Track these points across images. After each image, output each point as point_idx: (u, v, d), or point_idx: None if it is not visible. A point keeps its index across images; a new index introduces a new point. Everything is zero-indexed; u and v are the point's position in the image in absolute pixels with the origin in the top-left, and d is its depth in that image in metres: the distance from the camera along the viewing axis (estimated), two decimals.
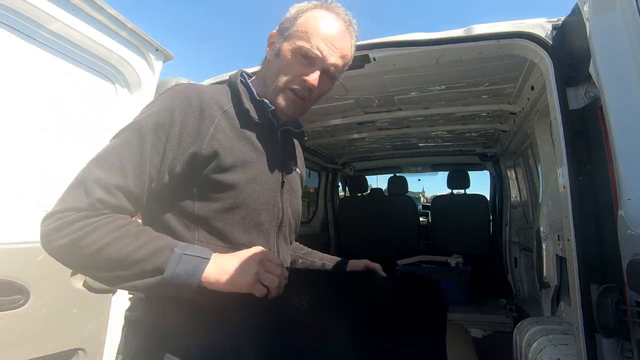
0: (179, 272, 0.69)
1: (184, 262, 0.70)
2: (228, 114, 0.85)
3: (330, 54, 0.88)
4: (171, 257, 0.70)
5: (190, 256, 0.71)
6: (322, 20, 0.88)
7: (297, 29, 0.88)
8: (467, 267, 3.32)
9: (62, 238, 0.69)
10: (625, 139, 0.89)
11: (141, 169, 0.75)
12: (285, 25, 0.91)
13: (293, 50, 0.87)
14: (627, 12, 0.93)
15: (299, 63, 0.88)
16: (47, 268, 1.19)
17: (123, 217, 0.74)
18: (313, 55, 0.87)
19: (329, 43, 0.88)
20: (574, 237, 1.03)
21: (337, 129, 2.87)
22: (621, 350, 0.94)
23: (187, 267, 0.70)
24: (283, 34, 0.91)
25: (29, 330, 1.14)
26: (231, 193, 0.81)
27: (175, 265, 0.70)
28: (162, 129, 0.77)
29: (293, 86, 0.88)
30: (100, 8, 1.33)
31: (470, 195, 3.94)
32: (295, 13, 0.91)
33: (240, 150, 0.84)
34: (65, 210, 0.71)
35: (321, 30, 0.87)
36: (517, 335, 1.73)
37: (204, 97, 0.82)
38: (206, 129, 0.80)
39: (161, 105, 0.80)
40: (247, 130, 0.87)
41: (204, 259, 0.72)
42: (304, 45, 0.86)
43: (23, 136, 1.20)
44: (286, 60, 0.88)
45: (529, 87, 1.84)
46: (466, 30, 1.32)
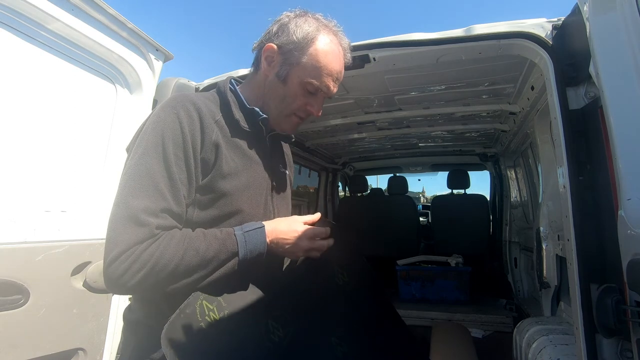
0: (250, 247, 0.81)
1: (249, 239, 0.82)
2: (219, 124, 0.88)
3: (335, 87, 0.96)
4: (237, 240, 0.80)
5: (250, 231, 0.83)
6: (331, 55, 0.93)
7: (308, 61, 0.91)
8: (467, 267, 3.33)
9: (138, 273, 0.71)
10: (625, 139, 0.89)
11: (175, 189, 0.79)
12: (290, 47, 0.92)
13: (303, 84, 0.92)
14: (627, 12, 0.93)
15: (304, 94, 0.94)
16: (47, 268, 1.19)
17: (176, 231, 0.79)
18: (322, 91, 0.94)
19: (336, 79, 0.95)
20: (574, 237, 1.03)
21: (337, 129, 2.87)
22: (621, 350, 0.94)
23: (254, 241, 0.82)
24: (288, 57, 0.92)
25: (29, 330, 1.14)
26: (227, 200, 0.85)
27: (245, 244, 0.81)
28: (179, 147, 0.80)
29: (299, 113, 0.96)
30: (100, 8, 1.33)
31: (470, 195, 3.94)
32: (302, 39, 0.92)
33: (233, 159, 0.87)
34: (128, 249, 0.72)
35: (331, 68, 0.93)
36: (517, 335, 1.73)
37: (200, 108, 0.85)
38: (208, 138, 0.83)
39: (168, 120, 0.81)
40: (238, 139, 0.91)
41: (259, 228, 0.84)
42: (314, 83, 0.92)
43: (23, 136, 1.20)
44: (294, 90, 0.93)
45: (529, 87, 1.84)
46: (466, 30, 1.32)
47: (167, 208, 0.77)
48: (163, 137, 0.79)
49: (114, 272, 0.71)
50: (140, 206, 0.74)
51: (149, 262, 0.72)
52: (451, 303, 3.25)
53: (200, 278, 0.77)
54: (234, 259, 0.80)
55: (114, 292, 0.77)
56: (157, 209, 0.76)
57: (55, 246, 1.22)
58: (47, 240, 1.22)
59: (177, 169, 0.79)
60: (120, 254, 0.71)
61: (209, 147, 0.83)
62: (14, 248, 1.14)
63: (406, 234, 3.91)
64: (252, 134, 0.94)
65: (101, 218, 1.35)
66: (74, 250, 1.27)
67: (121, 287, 0.73)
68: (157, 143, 0.79)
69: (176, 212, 0.79)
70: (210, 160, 0.83)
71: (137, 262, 0.71)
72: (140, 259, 0.71)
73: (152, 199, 0.75)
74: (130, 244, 0.72)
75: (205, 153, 0.83)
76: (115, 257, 0.71)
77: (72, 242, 1.27)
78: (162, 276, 0.73)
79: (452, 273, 3.34)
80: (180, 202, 0.79)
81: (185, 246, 0.75)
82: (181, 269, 0.74)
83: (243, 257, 0.80)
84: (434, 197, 4.61)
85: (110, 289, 0.74)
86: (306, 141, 3.17)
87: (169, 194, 0.77)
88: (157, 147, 0.79)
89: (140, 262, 0.71)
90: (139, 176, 0.77)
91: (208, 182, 0.83)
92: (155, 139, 0.80)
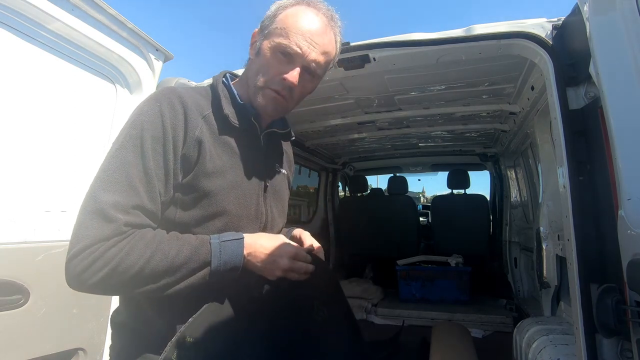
0: (224, 259, 0.76)
1: (225, 249, 0.76)
2: (207, 120, 0.84)
3: (310, 49, 0.85)
4: (211, 249, 0.75)
5: (227, 241, 0.77)
6: (302, 16, 0.85)
7: (277, 25, 0.86)
8: (467, 267, 3.33)
9: (99, 272, 0.67)
10: (625, 139, 0.89)
11: (151, 185, 0.74)
12: (266, 23, 0.89)
13: (272, 48, 0.85)
14: (627, 12, 0.93)
15: (278, 61, 0.85)
16: (47, 268, 1.19)
17: (148, 231, 0.74)
18: (292, 52, 0.84)
19: (309, 39, 0.84)
20: (574, 237, 1.03)
21: (337, 129, 2.87)
22: (621, 350, 0.94)
23: (229, 252, 0.76)
24: (263, 32, 0.89)
25: (29, 330, 1.14)
26: (211, 200, 0.81)
27: (219, 254, 0.75)
28: (158, 142, 0.76)
29: (273, 86, 0.86)
30: (100, 8, 1.33)
31: (470, 195, 3.94)
32: (275, 10, 0.88)
33: (219, 156, 0.83)
34: (92, 245, 0.68)
35: (300, 26, 0.84)
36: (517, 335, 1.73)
37: (186, 102, 0.81)
38: (191, 133, 0.79)
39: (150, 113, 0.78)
40: (227, 135, 0.86)
41: (238, 240, 0.78)
42: (282, 42, 0.84)
43: (23, 136, 1.20)
44: (265, 58, 0.86)
45: (529, 87, 1.84)
46: (466, 30, 1.32)
47: (139, 205, 0.73)
48: (142, 130, 0.75)
49: (74, 267, 0.68)
50: (109, 201, 0.70)
51: (111, 262, 0.68)
52: (451, 303, 3.25)
53: (167, 285, 0.72)
54: (206, 268, 0.74)
55: (74, 288, 0.71)
56: (127, 204, 0.71)
57: (55, 246, 1.22)
58: (47, 240, 1.22)
59: (154, 164, 0.75)
60: (83, 250, 0.68)
61: (191, 143, 0.79)
62: (14, 248, 1.14)
63: (406, 234, 3.91)
64: (243, 130, 0.89)
65: None
66: None
67: (81, 285, 0.69)
68: (136, 136, 0.75)
69: (149, 209, 0.74)
70: (192, 157, 0.79)
71: (100, 260, 0.67)
72: (102, 258, 0.67)
73: (124, 194, 0.71)
74: (95, 240, 0.68)
75: (187, 149, 0.78)
76: (78, 252, 0.68)
77: None
78: (124, 278, 0.69)
79: (452, 273, 3.34)
80: (154, 199, 0.75)
81: (153, 249, 0.71)
82: (146, 273, 0.70)
83: (215, 268, 0.74)
84: (434, 197, 4.61)
85: (70, 285, 0.70)
86: (306, 141, 3.17)
87: (142, 189, 0.73)
88: (134, 140, 0.75)
89: (103, 260, 0.67)
90: (112, 169, 0.73)
91: (190, 180, 0.79)
92: (134, 132, 0.76)
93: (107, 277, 0.68)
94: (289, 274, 0.81)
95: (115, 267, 0.68)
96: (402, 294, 3.41)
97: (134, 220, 0.72)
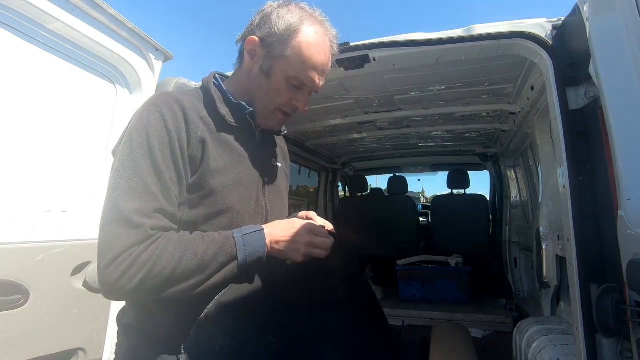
0: (249, 250, 0.79)
1: (248, 241, 0.80)
2: (205, 120, 0.86)
3: (320, 80, 0.91)
4: (236, 243, 0.79)
5: (249, 234, 0.81)
6: (315, 47, 0.88)
7: (291, 54, 0.87)
8: (467, 267, 3.33)
9: (135, 276, 0.69)
10: (625, 139, 0.89)
11: (167, 189, 0.77)
12: (273, 40, 0.88)
13: (286, 78, 0.88)
14: (627, 12, 0.93)
15: (289, 89, 0.90)
16: (47, 268, 1.19)
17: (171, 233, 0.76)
18: (308, 85, 0.90)
19: (321, 72, 0.90)
20: (574, 237, 1.03)
21: (337, 129, 2.87)
22: (621, 351, 0.94)
23: (253, 244, 0.80)
24: (271, 50, 0.88)
25: (29, 330, 1.14)
26: (217, 198, 0.83)
27: (244, 247, 0.79)
28: (165, 146, 0.78)
29: (284, 109, 0.93)
30: (100, 8, 1.33)
31: (470, 195, 3.94)
32: (285, 31, 0.87)
33: (221, 155, 0.85)
34: (123, 252, 0.70)
35: (314, 61, 0.88)
36: (517, 335, 1.73)
37: (184, 104, 0.83)
38: (194, 134, 0.82)
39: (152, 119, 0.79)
40: (225, 134, 0.88)
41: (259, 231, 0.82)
42: (299, 77, 0.88)
43: (23, 136, 1.20)
44: (278, 85, 0.89)
45: (529, 87, 1.83)
46: (466, 30, 1.32)
47: (160, 208, 0.75)
48: (148, 136, 0.77)
49: (110, 276, 0.69)
50: (132, 208, 0.72)
51: (145, 266, 0.70)
52: (451, 303, 3.25)
53: (198, 282, 0.75)
54: (233, 262, 0.78)
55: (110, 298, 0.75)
56: (149, 209, 0.73)
57: (55, 246, 1.22)
58: (47, 240, 1.22)
59: (166, 168, 0.77)
60: (116, 257, 0.69)
61: (195, 143, 0.81)
62: (14, 248, 1.14)
63: (406, 234, 3.90)
64: (240, 128, 0.91)
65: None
66: (74, 250, 1.27)
67: (118, 292, 0.71)
68: (143, 143, 0.77)
69: (169, 212, 0.77)
70: (197, 157, 0.81)
71: (135, 266, 0.69)
72: (137, 263, 0.69)
73: (144, 200, 0.73)
74: (127, 247, 0.70)
75: (192, 150, 0.81)
76: (111, 261, 0.69)
77: (72, 242, 1.27)
78: (160, 280, 0.71)
79: (452, 273, 3.34)
80: (172, 201, 0.77)
81: (182, 249, 0.74)
82: (179, 273, 0.72)
83: (242, 260, 0.78)
84: (434, 197, 4.61)
85: (106, 294, 0.72)
86: (306, 141, 3.17)
87: (160, 194, 0.75)
88: (143, 147, 0.77)
89: (138, 265, 0.69)
90: (128, 177, 0.75)
91: (196, 179, 0.82)
92: (140, 139, 0.77)
93: (143, 281, 0.70)
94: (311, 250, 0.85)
95: (150, 271, 0.70)
96: (402, 294, 3.41)
97: (158, 223, 0.75)
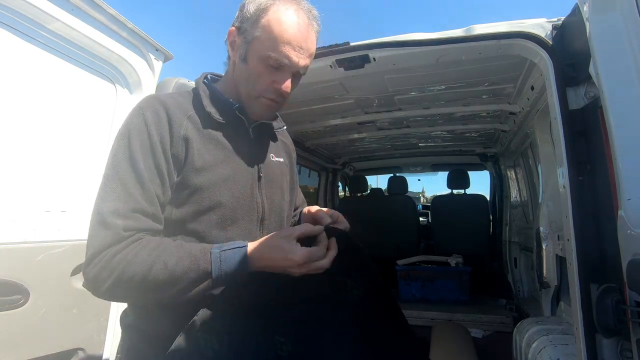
0: (225, 269, 0.73)
1: (225, 258, 0.74)
2: (192, 119, 0.86)
3: (299, 57, 0.85)
4: (211, 258, 0.73)
5: (228, 250, 0.75)
6: (286, 22, 0.83)
7: (261, 34, 0.84)
8: (467, 267, 3.32)
9: (107, 279, 0.70)
10: (625, 139, 0.89)
11: (146, 188, 0.76)
12: (246, 26, 0.86)
13: (261, 59, 0.84)
14: (627, 12, 0.93)
15: (268, 71, 0.86)
16: (47, 268, 1.19)
17: (152, 239, 0.75)
18: (283, 64, 0.84)
19: (297, 47, 0.84)
20: (574, 237, 1.03)
21: (337, 129, 2.87)
22: (621, 351, 0.94)
23: (230, 262, 0.74)
24: (246, 36, 0.86)
25: (29, 330, 1.14)
26: (204, 195, 0.82)
27: (219, 264, 0.73)
28: (145, 146, 0.78)
29: (267, 94, 0.88)
30: (100, 8, 1.33)
31: (470, 195, 3.94)
32: (254, 12, 0.85)
33: (208, 151, 0.85)
34: (98, 254, 0.71)
35: (286, 35, 0.83)
36: (517, 335, 1.74)
37: (168, 106, 0.83)
38: (177, 133, 0.81)
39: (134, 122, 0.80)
40: (213, 130, 0.88)
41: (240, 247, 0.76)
42: (272, 55, 0.83)
43: (23, 136, 1.20)
44: (255, 68, 0.86)
45: (529, 87, 1.84)
46: (466, 30, 1.32)
47: (137, 208, 0.75)
48: (129, 138, 0.78)
49: (87, 275, 0.72)
50: (108, 209, 0.73)
51: (115, 270, 0.69)
52: (451, 303, 3.25)
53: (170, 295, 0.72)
54: (207, 280, 0.73)
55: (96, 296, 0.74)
56: (126, 209, 0.73)
57: (55, 246, 1.22)
58: (47, 240, 1.22)
59: (145, 168, 0.77)
60: (92, 259, 0.71)
61: (178, 142, 0.81)
62: (14, 248, 1.14)
63: (406, 234, 3.90)
64: (229, 125, 0.90)
65: None
66: (74, 250, 1.27)
67: (96, 291, 0.72)
68: (124, 145, 0.78)
69: (148, 211, 0.76)
70: (180, 155, 0.81)
71: (106, 269, 0.70)
72: (108, 266, 0.70)
73: (120, 201, 0.74)
74: (100, 248, 0.71)
75: (175, 149, 0.81)
76: (87, 261, 0.71)
77: (72, 242, 1.27)
78: (130, 286, 0.70)
79: (452, 273, 3.34)
80: (152, 201, 0.77)
81: (154, 257, 0.71)
82: (148, 282, 0.70)
83: (217, 277, 0.73)
84: (434, 197, 4.61)
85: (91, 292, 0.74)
86: (306, 141, 3.17)
87: (138, 193, 0.75)
88: (124, 149, 0.78)
89: (108, 269, 0.70)
90: (108, 180, 0.76)
91: (182, 178, 0.81)
92: (122, 141, 0.79)
93: (115, 286, 0.70)
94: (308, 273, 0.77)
95: (120, 276, 0.70)
96: (402, 294, 3.41)
97: (134, 224, 0.74)
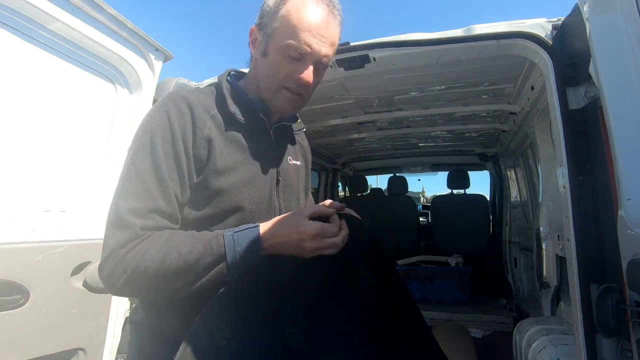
0: (239, 250, 0.72)
1: (238, 239, 0.73)
2: (215, 119, 0.84)
3: (320, 45, 0.83)
4: (224, 241, 0.72)
5: (241, 231, 0.74)
6: (305, 10, 0.82)
7: (281, 24, 0.83)
8: (467, 267, 3.33)
9: (123, 275, 0.70)
10: (625, 139, 0.89)
11: (166, 188, 0.75)
12: (266, 20, 0.86)
13: (281, 49, 0.83)
14: (627, 12, 0.93)
15: (289, 61, 0.84)
16: (47, 268, 1.19)
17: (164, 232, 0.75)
18: (303, 52, 0.82)
19: (317, 34, 0.82)
20: (574, 237, 1.03)
21: (337, 129, 2.87)
22: (621, 350, 0.94)
23: (243, 242, 0.73)
24: (266, 30, 0.86)
25: (29, 330, 1.14)
26: (224, 197, 0.81)
27: (233, 245, 0.72)
28: (168, 145, 0.77)
29: (288, 85, 0.85)
30: (100, 8, 1.33)
31: (470, 195, 3.94)
32: (274, 5, 0.85)
33: (230, 153, 0.83)
34: (114, 251, 0.71)
35: (306, 23, 0.81)
36: (517, 335, 1.74)
37: (192, 103, 0.81)
38: (200, 133, 0.80)
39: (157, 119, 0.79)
40: (235, 132, 0.86)
41: (252, 228, 0.75)
42: (292, 43, 0.81)
43: (23, 136, 1.20)
44: (275, 60, 0.84)
45: (529, 87, 1.84)
46: (466, 30, 1.32)
47: (155, 208, 0.74)
48: (152, 135, 0.77)
49: (102, 274, 0.72)
50: (126, 207, 0.72)
51: (130, 265, 0.69)
52: (451, 303, 3.25)
53: (186, 284, 0.71)
54: (222, 263, 0.72)
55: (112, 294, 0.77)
56: (144, 209, 0.73)
57: (55, 246, 1.22)
58: (47, 240, 1.22)
59: (167, 167, 0.76)
60: (108, 257, 0.71)
61: (200, 142, 0.79)
62: (14, 248, 1.14)
63: (406, 234, 3.91)
64: (251, 126, 0.88)
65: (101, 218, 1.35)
66: (73, 250, 1.27)
67: (111, 290, 0.73)
68: (146, 142, 0.77)
69: (166, 211, 0.75)
70: (202, 156, 0.80)
71: (120, 266, 0.70)
72: (122, 263, 0.70)
73: (139, 200, 0.73)
74: (115, 247, 0.70)
75: (197, 149, 0.79)
76: (104, 260, 0.71)
77: (72, 242, 1.28)
78: (144, 280, 0.70)
79: (452, 273, 3.34)
80: (170, 201, 0.76)
81: (167, 249, 0.71)
82: (163, 272, 0.70)
83: (232, 260, 0.72)
84: (434, 197, 4.61)
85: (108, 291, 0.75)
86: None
87: (157, 193, 0.74)
88: (145, 146, 0.76)
89: (123, 266, 0.70)
90: (128, 177, 0.75)
91: (203, 179, 0.80)
92: (143, 138, 0.77)
93: (128, 282, 0.70)
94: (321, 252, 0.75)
95: (134, 270, 0.69)
96: None
97: (151, 223, 0.73)
